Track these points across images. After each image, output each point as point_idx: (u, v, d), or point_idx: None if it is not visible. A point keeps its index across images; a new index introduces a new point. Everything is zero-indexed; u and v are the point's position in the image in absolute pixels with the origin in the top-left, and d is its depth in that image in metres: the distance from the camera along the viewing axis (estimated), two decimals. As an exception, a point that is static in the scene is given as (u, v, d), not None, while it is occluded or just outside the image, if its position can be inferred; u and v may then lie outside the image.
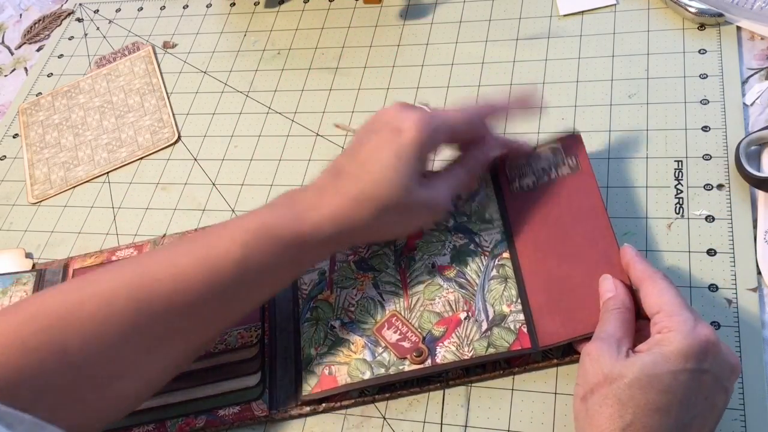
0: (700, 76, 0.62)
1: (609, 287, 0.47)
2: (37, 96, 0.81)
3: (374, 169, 0.48)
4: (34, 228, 0.70)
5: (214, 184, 0.68)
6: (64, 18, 0.89)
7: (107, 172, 0.72)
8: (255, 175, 0.67)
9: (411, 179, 0.49)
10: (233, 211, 0.65)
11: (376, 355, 0.52)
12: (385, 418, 0.51)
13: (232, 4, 0.83)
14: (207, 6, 0.84)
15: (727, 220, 0.54)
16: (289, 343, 0.55)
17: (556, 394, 0.50)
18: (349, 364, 0.52)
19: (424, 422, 0.51)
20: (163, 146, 0.72)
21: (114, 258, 0.62)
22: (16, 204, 0.72)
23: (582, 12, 0.69)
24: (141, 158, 0.72)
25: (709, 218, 0.54)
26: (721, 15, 0.63)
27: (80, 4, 0.90)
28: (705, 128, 0.59)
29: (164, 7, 0.85)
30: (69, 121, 0.77)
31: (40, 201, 0.72)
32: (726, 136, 0.58)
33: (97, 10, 0.88)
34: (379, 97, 0.69)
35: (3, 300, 0.62)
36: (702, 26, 0.64)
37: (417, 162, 0.49)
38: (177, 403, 0.54)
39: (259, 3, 0.82)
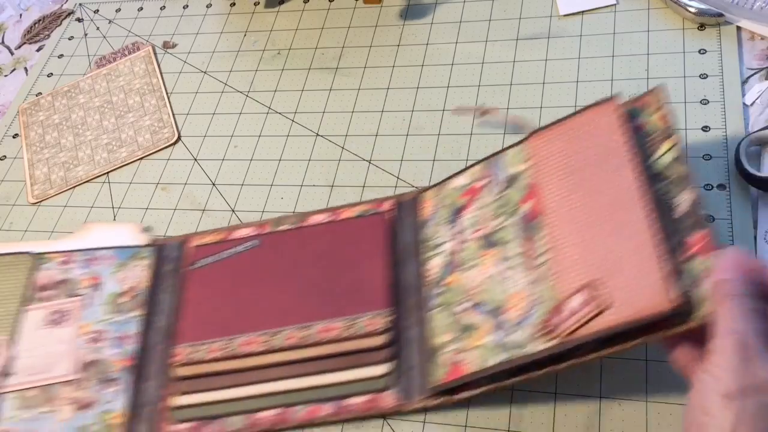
0: (700, 76, 0.62)
1: (724, 266, 0.40)
2: (37, 96, 0.81)
3: None
4: (34, 228, 0.70)
5: (214, 184, 0.68)
6: (64, 18, 0.89)
7: (107, 172, 0.72)
8: (255, 175, 0.67)
9: None
10: (233, 211, 0.65)
11: (504, 338, 0.48)
12: (385, 418, 0.51)
13: (232, 4, 0.83)
14: (207, 6, 0.84)
15: (727, 220, 0.54)
16: (415, 331, 0.53)
17: (555, 394, 0.50)
18: (478, 349, 0.49)
19: (424, 422, 0.51)
20: (163, 146, 0.72)
21: (231, 237, 0.61)
22: (16, 204, 0.72)
23: (582, 12, 0.69)
24: (141, 158, 0.72)
25: (709, 218, 0.54)
26: (721, 15, 0.63)
27: (80, 4, 0.90)
28: (705, 128, 0.59)
29: (164, 7, 0.85)
30: (69, 121, 0.77)
31: (40, 201, 0.72)
32: (726, 136, 0.58)
33: (97, 10, 0.88)
34: (379, 97, 0.69)
35: (124, 272, 0.61)
36: (702, 26, 0.64)
37: None
38: (302, 389, 0.52)
39: (259, 3, 0.82)
